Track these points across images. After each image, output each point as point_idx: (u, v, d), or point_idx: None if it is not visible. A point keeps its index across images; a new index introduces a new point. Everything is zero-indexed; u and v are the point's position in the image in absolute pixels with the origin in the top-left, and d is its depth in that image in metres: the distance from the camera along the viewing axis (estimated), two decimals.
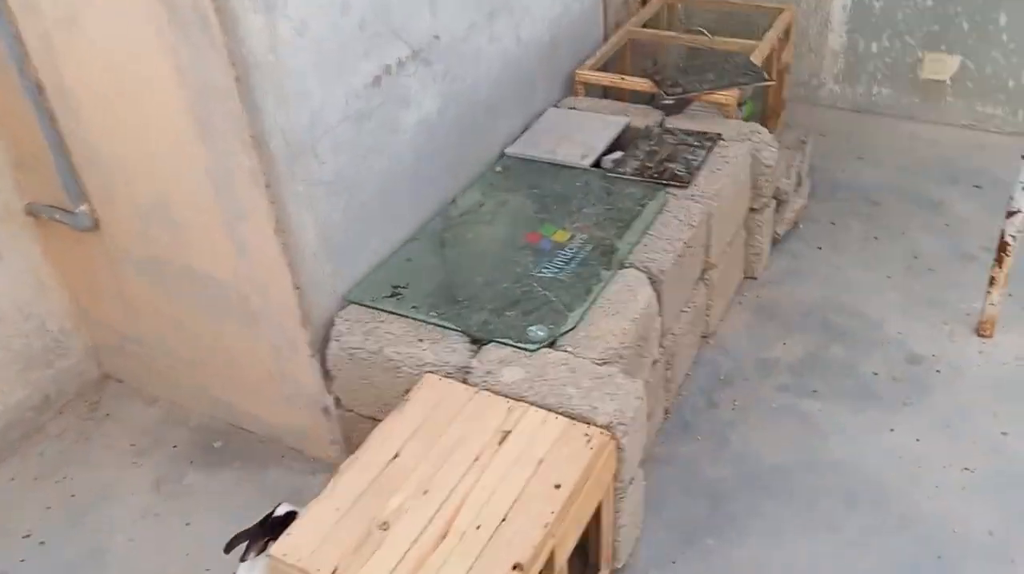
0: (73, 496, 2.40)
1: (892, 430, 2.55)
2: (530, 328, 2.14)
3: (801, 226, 3.38)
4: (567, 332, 2.14)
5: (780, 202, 3.21)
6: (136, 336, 2.59)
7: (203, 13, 1.81)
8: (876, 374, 2.75)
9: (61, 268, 2.58)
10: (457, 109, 2.63)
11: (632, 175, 2.72)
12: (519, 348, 2.09)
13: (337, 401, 2.29)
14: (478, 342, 2.15)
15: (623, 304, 2.23)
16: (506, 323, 2.17)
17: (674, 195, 2.64)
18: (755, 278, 3.15)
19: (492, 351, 2.10)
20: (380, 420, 2.19)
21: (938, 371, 2.74)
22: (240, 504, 2.35)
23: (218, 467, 2.48)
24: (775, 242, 3.26)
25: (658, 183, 2.68)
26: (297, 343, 2.22)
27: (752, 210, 3.01)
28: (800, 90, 4.14)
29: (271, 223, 2.03)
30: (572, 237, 2.47)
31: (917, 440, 2.51)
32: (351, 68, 2.17)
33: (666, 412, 2.62)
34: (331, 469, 2.41)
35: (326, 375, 2.25)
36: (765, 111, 3.55)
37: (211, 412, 2.62)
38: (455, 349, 2.12)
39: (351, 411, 2.30)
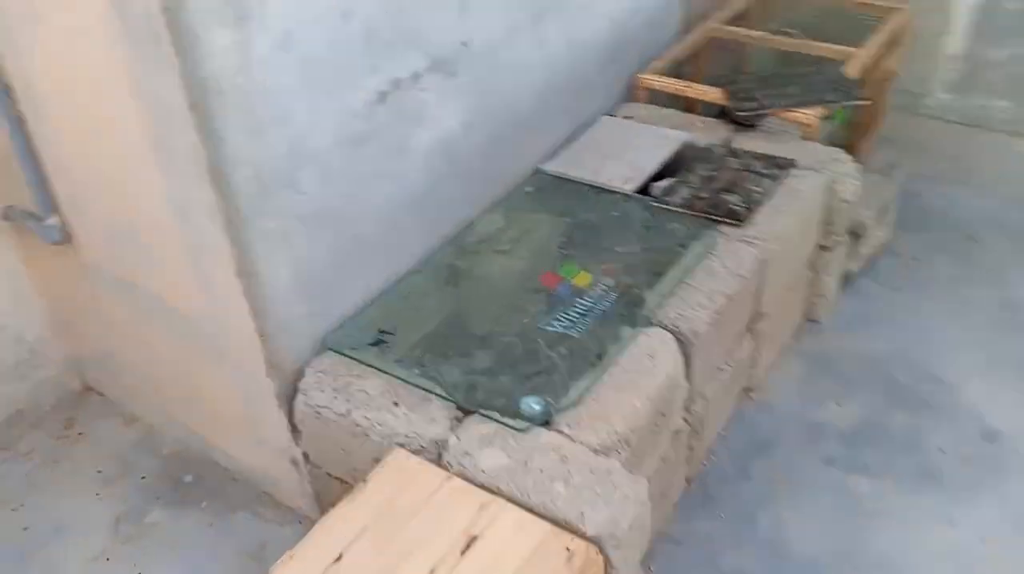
0: (26, 529, 2.26)
1: (953, 523, 2.21)
2: (524, 399, 1.87)
3: (881, 261, 2.99)
4: (567, 408, 1.86)
5: (857, 235, 2.82)
6: (112, 353, 2.43)
7: (154, 26, 1.56)
8: (943, 451, 2.40)
9: (40, 276, 2.42)
10: (487, 124, 2.35)
11: (679, 207, 2.39)
12: (506, 425, 1.83)
13: (306, 456, 2.08)
14: (464, 409, 1.90)
15: (640, 374, 1.93)
16: (497, 390, 1.90)
17: (725, 235, 2.31)
18: (817, 321, 2.80)
19: (475, 425, 1.84)
20: (350, 483, 1.99)
21: (1018, 452, 2.38)
22: (199, 554, 2.18)
23: (184, 506, 2.31)
24: (846, 280, 2.88)
25: (709, 218, 2.34)
26: (264, 391, 2.01)
27: (821, 247, 2.64)
28: (903, 97, 3.66)
29: (232, 265, 1.80)
30: (595, 282, 2.17)
31: (982, 540, 2.17)
32: (350, 85, 1.90)
33: (688, 482, 2.33)
34: (303, 521, 2.23)
35: (294, 429, 2.04)
36: (858, 125, 3.13)
37: (186, 441, 2.45)
38: (434, 418, 1.86)
39: (320, 468, 2.09)
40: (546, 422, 1.85)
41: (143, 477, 2.37)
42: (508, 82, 2.37)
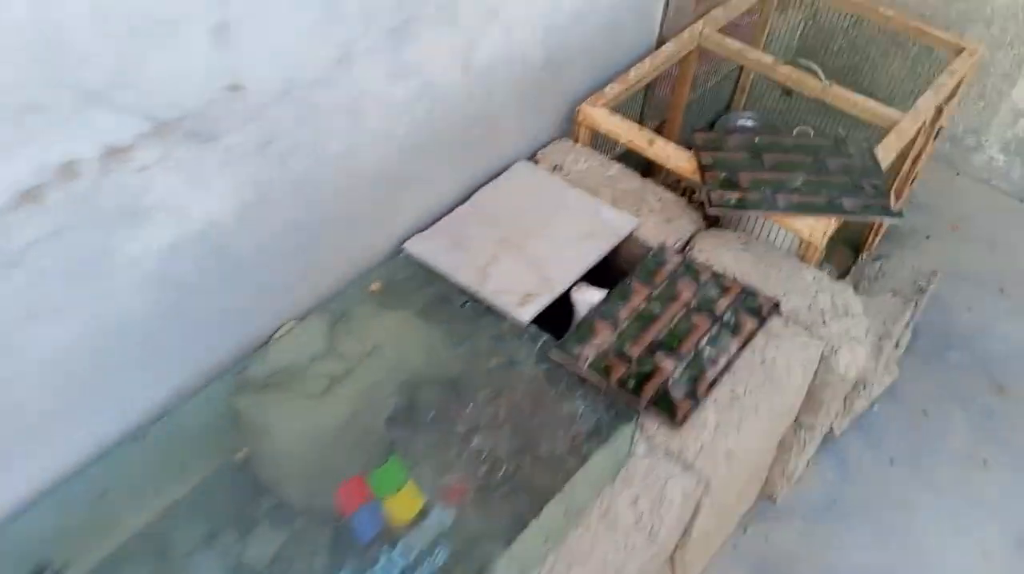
0: None
1: None
2: None
3: (876, 409, 2.03)
4: None
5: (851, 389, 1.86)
6: None
7: None
8: None
9: None
10: (291, 202, 1.30)
11: (589, 369, 1.38)
12: None
13: None
14: None
15: None
16: None
17: (649, 437, 1.33)
18: (773, 501, 1.85)
19: None
20: None
21: None
22: None
23: None
24: (825, 439, 1.93)
25: (629, 401, 1.35)
26: None
27: (797, 422, 1.68)
28: (947, 148, 2.61)
29: None
30: (424, 512, 1.20)
31: None
32: None
33: None
34: None
35: None
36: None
37: None
38: None
39: None
40: None
41: None
42: (338, 134, 1.31)
